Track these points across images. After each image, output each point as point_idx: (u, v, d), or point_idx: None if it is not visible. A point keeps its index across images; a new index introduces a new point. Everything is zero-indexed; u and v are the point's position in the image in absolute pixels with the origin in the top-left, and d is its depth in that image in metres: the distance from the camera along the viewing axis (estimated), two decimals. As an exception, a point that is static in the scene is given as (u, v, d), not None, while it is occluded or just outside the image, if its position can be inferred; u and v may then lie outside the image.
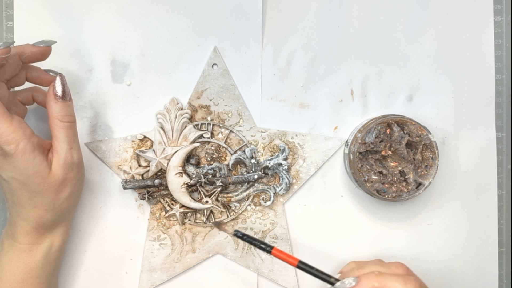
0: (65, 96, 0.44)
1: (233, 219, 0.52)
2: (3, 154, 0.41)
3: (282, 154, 0.51)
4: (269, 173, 0.51)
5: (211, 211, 0.51)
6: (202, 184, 0.50)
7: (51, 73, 0.46)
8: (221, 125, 0.51)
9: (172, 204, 0.51)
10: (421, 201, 0.53)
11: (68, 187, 0.44)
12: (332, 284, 0.42)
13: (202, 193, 0.51)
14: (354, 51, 0.52)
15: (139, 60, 0.51)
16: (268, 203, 0.51)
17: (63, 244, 0.47)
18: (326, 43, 0.52)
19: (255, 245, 0.45)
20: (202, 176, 0.50)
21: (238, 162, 0.51)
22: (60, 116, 0.43)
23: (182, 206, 0.50)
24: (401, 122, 0.49)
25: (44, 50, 0.45)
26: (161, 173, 0.50)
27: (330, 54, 0.52)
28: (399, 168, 0.49)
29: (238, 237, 0.45)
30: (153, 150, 0.50)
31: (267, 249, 0.44)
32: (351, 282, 0.41)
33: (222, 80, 0.51)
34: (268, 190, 0.51)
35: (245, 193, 0.51)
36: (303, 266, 0.43)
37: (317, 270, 0.43)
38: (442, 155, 0.52)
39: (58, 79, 0.44)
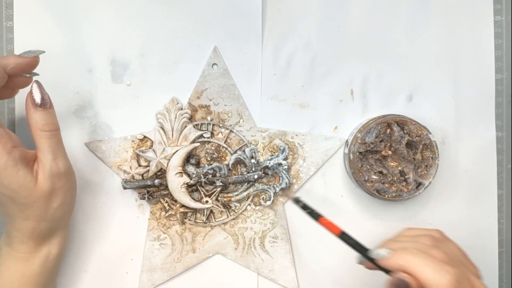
0: (45, 103, 0.42)
1: (233, 219, 0.52)
2: None
3: (282, 154, 0.51)
4: (269, 173, 0.51)
5: (211, 211, 0.51)
6: (202, 184, 0.50)
7: (27, 75, 0.43)
8: (221, 125, 0.51)
9: (172, 204, 0.51)
10: (421, 201, 0.53)
11: (57, 196, 0.43)
12: (365, 255, 0.43)
13: (202, 193, 0.51)
14: (354, 51, 0.52)
15: (139, 60, 0.51)
16: (268, 203, 0.51)
17: (61, 252, 0.46)
18: (326, 43, 0.52)
19: (306, 212, 0.47)
20: (202, 176, 0.50)
21: (238, 162, 0.51)
22: (40, 125, 0.41)
23: (182, 206, 0.50)
24: (401, 122, 0.49)
25: (31, 61, 0.42)
26: (161, 173, 0.50)
27: (330, 54, 0.52)
28: (399, 168, 0.49)
29: (295, 203, 0.48)
30: (153, 150, 0.50)
31: (315, 216, 0.46)
32: (383, 254, 0.41)
33: (222, 80, 0.51)
34: (268, 190, 0.51)
35: (245, 193, 0.51)
36: (344, 237, 0.45)
37: (356, 242, 0.44)
38: (442, 155, 0.52)
39: (34, 85, 0.42)
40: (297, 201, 0.48)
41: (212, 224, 0.51)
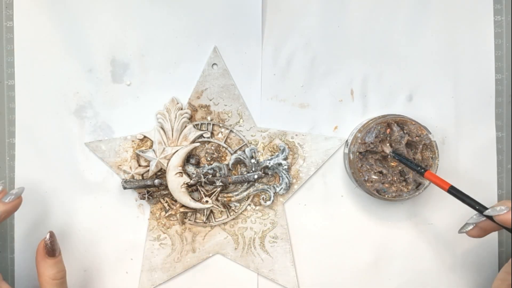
0: (56, 253, 0.45)
1: (233, 219, 0.52)
2: None
3: (282, 154, 0.51)
4: (269, 173, 0.51)
5: (211, 211, 0.51)
6: (202, 184, 0.50)
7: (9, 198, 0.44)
8: (221, 125, 0.51)
9: (172, 204, 0.51)
10: (421, 201, 0.53)
11: None
12: (481, 212, 0.43)
13: (202, 193, 0.51)
14: (354, 51, 0.52)
15: (139, 60, 0.51)
16: (268, 203, 0.51)
17: None
18: (326, 43, 0.52)
19: (407, 166, 0.47)
20: (202, 176, 0.50)
21: (238, 162, 0.51)
22: (52, 274, 0.44)
23: (182, 206, 0.50)
24: (401, 122, 0.49)
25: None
26: (161, 173, 0.50)
27: (330, 54, 0.52)
28: (399, 168, 0.49)
29: (394, 158, 0.47)
30: (153, 150, 0.50)
31: (420, 170, 0.46)
32: (503, 209, 0.42)
33: (222, 80, 0.51)
34: (268, 190, 0.51)
35: (245, 193, 0.51)
36: (453, 192, 0.44)
37: (467, 196, 0.44)
38: (442, 155, 0.52)
39: (48, 236, 0.45)
40: (395, 153, 0.47)
41: (212, 224, 0.51)
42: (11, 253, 0.51)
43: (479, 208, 0.43)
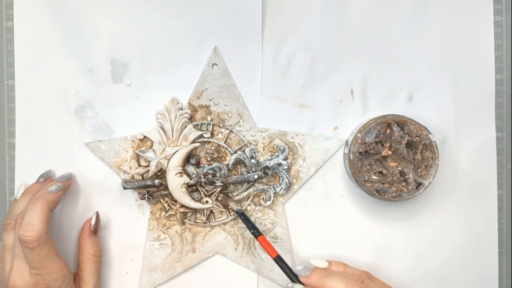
0: (98, 232, 0.49)
1: (233, 219, 0.52)
2: None
3: (282, 154, 0.51)
4: (269, 173, 0.51)
5: (211, 211, 0.51)
6: (202, 184, 0.50)
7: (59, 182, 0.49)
8: (221, 125, 0.51)
9: (172, 204, 0.51)
10: (421, 201, 0.53)
11: None
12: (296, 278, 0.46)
13: (202, 193, 0.51)
14: (354, 51, 0.52)
15: (139, 60, 0.51)
16: (268, 203, 0.51)
17: None
18: (326, 43, 0.52)
19: (247, 227, 0.49)
20: (202, 176, 0.50)
21: (238, 162, 0.51)
22: (93, 251, 0.48)
23: (182, 206, 0.50)
24: (401, 122, 0.49)
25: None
26: (161, 173, 0.50)
27: (330, 54, 0.52)
28: (399, 168, 0.49)
29: (238, 214, 0.49)
30: (153, 150, 0.50)
31: (256, 234, 0.48)
32: (303, 272, 0.46)
33: (222, 80, 0.51)
34: (268, 190, 0.51)
35: (245, 193, 0.51)
36: (278, 261, 0.46)
37: (288, 267, 0.46)
38: (442, 155, 0.52)
39: (96, 216, 0.49)
40: (240, 213, 0.49)
41: (212, 224, 0.51)
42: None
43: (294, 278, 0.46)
